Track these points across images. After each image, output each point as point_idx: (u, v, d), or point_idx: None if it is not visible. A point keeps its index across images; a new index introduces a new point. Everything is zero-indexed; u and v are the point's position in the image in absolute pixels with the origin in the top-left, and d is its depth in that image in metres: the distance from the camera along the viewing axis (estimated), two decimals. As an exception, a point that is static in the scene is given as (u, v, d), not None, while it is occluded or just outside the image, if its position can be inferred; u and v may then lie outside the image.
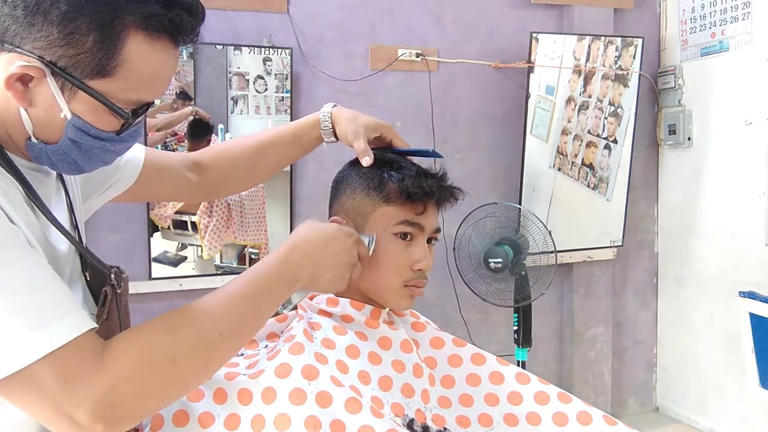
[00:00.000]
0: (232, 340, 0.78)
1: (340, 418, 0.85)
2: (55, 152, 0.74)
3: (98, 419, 0.64)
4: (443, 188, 1.03)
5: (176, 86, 2.25)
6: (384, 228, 1.00)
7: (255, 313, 0.80)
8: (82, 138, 0.73)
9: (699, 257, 2.86)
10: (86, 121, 0.72)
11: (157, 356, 0.70)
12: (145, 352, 0.69)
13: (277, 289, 0.82)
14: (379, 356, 0.98)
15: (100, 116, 0.73)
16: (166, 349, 0.71)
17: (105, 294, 0.78)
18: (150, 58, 0.72)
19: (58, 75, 0.69)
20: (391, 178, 1.01)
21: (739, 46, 2.62)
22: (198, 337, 0.74)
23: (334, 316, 1.03)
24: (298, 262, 0.85)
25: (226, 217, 2.36)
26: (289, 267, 0.84)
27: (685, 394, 2.99)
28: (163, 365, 0.70)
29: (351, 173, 1.06)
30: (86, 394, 0.64)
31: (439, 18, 2.65)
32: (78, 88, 0.70)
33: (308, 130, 1.15)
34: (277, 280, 0.82)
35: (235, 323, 0.77)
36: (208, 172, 1.15)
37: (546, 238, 2.34)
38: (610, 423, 0.98)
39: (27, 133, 0.73)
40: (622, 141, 2.79)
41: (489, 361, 1.06)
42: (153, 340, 0.71)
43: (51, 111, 0.71)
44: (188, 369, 0.73)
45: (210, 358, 0.76)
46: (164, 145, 2.27)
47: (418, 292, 1.03)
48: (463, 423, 0.99)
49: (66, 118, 0.72)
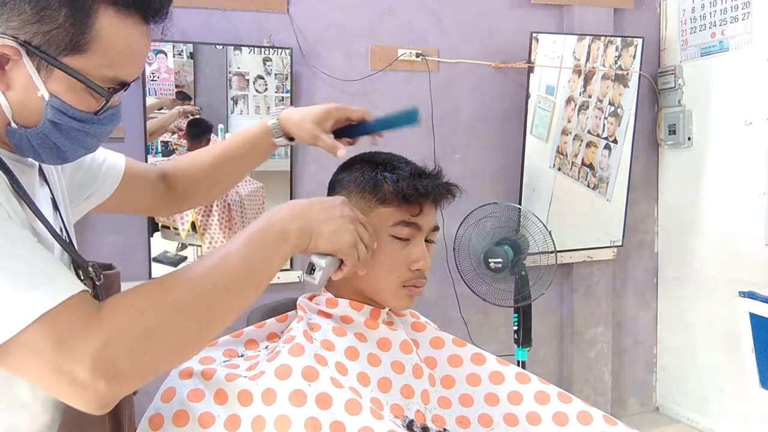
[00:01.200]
0: (227, 292, 0.76)
1: (340, 420, 0.85)
2: (36, 136, 0.74)
3: (98, 375, 0.63)
4: (439, 187, 1.02)
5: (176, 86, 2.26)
6: (381, 229, 1.00)
7: (248, 267, 0.78)
8: (62, 119, 0.73)
9: (699, 257, 2.86)
10: (64, 101, 0.72)
11: (152, 311, 0.69)
12: (139, 308, 0.69)
13: (266, 242, 0.81)
14: (378, 358, 0.98)
15: (77, 96, 0.73)
16: (160, 303, 0.70)
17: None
18: (122, 33, 0.73)
19: (34, 54, 0.69)
20: (386, 179, 1.00)
21: (739, 46, 2.62)
22: (191, 291, 0.73)
23: (334, 317, 1.02)
24: (284, 215, 0.84)
25: (227, 217, 2.36)
26: (274, 219, 0.83)
27: (685, 394, 2.99)
28: (158, 319, 0.69)
29: (345, 176, 1.05)
30: (83, 352, 0.63)
31: (439, 18, 2.65)
32: (54, 66, 0.70)
33: (260, 137, 1.15)
34: (264, 232, 0.81)
35: (228, 275, 0.76)
36: (176, 183, 1.15)
37: (546, 238, 2.34)
38: (610, 423, 0.98)
39: (6, 118, 0.73)
40: (622, 141, 2.79)
41: (489, 361, 1.06)
42: (147, 296, 0.71)
43: (29, 93, 0.71)
44: (185, 324, 0.72)
45: (207, 312, 0.74)
46: (165, 144, 2.27)
47: (417, 292, 1.02)
48: (463, 423, 0.99)
49: (44, 98, 0.72)
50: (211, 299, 0.74)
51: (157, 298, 0.71)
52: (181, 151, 2.29)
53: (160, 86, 2.24)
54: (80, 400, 0.65)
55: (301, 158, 2.48)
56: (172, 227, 2.32)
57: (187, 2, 2.29)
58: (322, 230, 0.86)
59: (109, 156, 1.05)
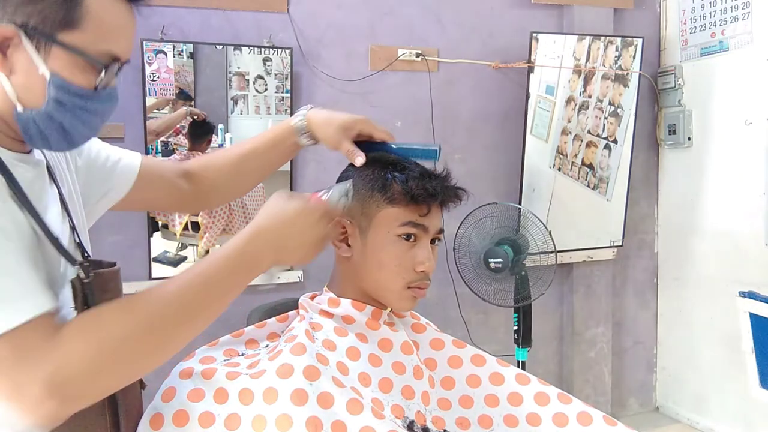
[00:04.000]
0: (189, 322, 0.79)
1: (341, 419, 0.85)
2: (42, 117, 0.77)
3: (51, 396, 0.67)
4: (447, 189, 1.03)
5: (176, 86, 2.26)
6: (388, 230, 1.00)
7: (213, 297, 0.81)
8: (64, 96, 0.76)
9: (699, 257, 2.86)
10: (64, 78, 0.76)
11: (108, 336, 0.72)
12: (96, 333, 0.72)
13: (236, 276, 0.83)
14: (379, 358, 0.98)
15: (76, 72, 0.77)
16: (119, 329, 0.73)
17: (73, 286, 0.79)
18: (108, 8, 0.78)
19: (32, 35, 0.73)
20: (395, 179, 1.01)
21: (739, 46, 2.62)
22: (151, 318, 0.75)
23: (335, 317, 1.03)
24: (259, 251, 0.85)
25: (228, 217, 2.36)
26: (249, 256, 0.84)
27: (685, 394, 2.99)
28: (114, 345, 0.72)
29: (354, 174, 1.05)
30: (38, 372, 0.67)
31: (439, 18, 2.65)
32: (51, 44, 0.74)
33: (285, 136, 1.15)
34: (236, 267, 0.83)
35: (190, 306, 0.78)
36: (199, 182, 1.16)
37: (546, 238, 2.34)
38: (610, 423, 0.98)
39: (12, 104, 0.77)
40: (622, 141, 2.79)
41: (489, 362, 1.06)
42: (106, 320, 0.73)
43: (31, 74, 0.75)
44: (141, 349, 0.75)
45: (165, 338, 0.77)
46: (164, 145, 2.27)
47: (421, 294, 1.02)
48: (463, 424, 0.99)
49: (45, 77, 0.75)
50: (171, 328, 0.77)
51: (117, 323, 0.73)
52: (180, 151, 2.29)
53: (160, 86, 2.24)
54: (32, 415, 0.68)
55: (301, 158, 2.48)
56: (171, 227, 2.32)
57: (187, 2, 2.29)
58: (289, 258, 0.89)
59: (124, 156, 1.06)
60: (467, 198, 1.07)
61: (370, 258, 1.01)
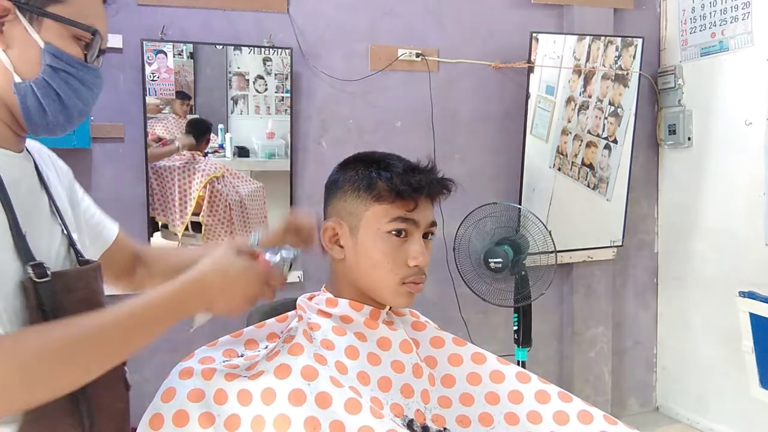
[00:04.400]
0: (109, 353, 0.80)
1: (339, 419, 0.85)
2: (39, 84, 0.83)
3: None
4: (432, 182, 1.02)
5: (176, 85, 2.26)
6: (378, 227, 1.00)
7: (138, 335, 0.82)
8: (59, 63, 0.83)
9: (699, 257, 2.86)
10: (57, 46, 0.83)
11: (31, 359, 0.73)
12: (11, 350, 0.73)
13: (163, 319, 0.85)
14: (378, 357, 0.98)
15: (66, 42, 0.84)
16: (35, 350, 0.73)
17: (24, 287, 0.79)
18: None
19: (24, 9, 0.81)
20: (380, 177, 1.01)
21: (739, 46, 2.62)
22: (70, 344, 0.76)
23: (333, 317, 1.02)
24: (190, 298, 0.87)
25: (227, 217, 2.36)
26: (179, 303, 0.86)
27: (685, 394, 2.99)
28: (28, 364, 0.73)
29: (341, 176, 1.06)
30: None
31: (439, 18, 2.65)
32: (42, 17, 0.82)
33: None
34: (166, 311, 0.85)
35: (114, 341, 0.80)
36: (143, 268, 1.19)
37: (546, 238, 2.34)
38: (610, 422, 0.98)
39: (10, 77, 0.82)
40: (622, 141, 2.79)
41: (489, 360, 1.06)
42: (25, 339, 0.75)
43: (26, 45, 0.82)
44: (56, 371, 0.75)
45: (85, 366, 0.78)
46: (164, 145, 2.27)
47: (417, 289, 1.02)
48: (464, 422, 0.98)
49: (40, 46, 0.82)
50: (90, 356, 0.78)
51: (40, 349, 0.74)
52: (180, 151, 2.29)
53: (160, 86, 2.24)
54: None
55: (301, 158, 2.48)
56: (171, 227, 2.31)
57: (187, 2, 2.29)
58: (217, 309, 0.90)
59: (106, 223, 1.11)
60: (456, 189, 1.06)
61: (362, 257, 1.01)
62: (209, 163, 2.33)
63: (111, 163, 2.26)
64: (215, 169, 2.34)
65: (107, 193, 2.25)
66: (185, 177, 2.31)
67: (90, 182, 2.24)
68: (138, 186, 2.26)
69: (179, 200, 2.30)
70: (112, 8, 0.94)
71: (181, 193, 2.30)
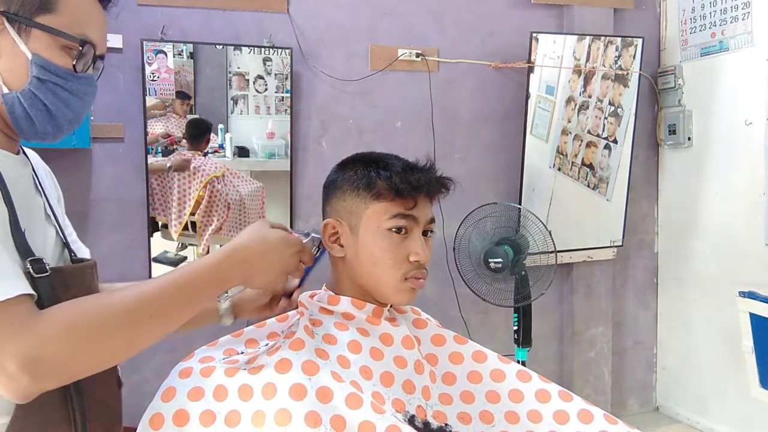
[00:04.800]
0: (159, 321, 0.83)
1: (340, 414, 0.85)
2: (26, 96, 0.83)
3: (25, 371, 0.71)
4: (431, 180, 1.03)
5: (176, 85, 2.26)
6: (378, 224, 1.00)
7: (184, 303, 0.86)
8: (45, 74, 0.83)
9: (699, 257, 2.86)
10: (44, 57, 0.83)
11: (84, 325, 0.76)
12: (73, 320, 0.75)
13: (208, 288, 0.88)
14: (381, 352, 0.98)
15: (55, 53, 0.84)
16: (94, 320, 0.77)
17: None
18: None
19: (12, 20, 0.81)
20: (379, 176, 1.01)
21: (739, 46, 2.62)
22: (126, 314, 0.79)
23: (335, 314, 1.03)
24: (232, 268, 0.89)
25: (227, 217, 2.36)
26: (222, 271, 0.89)
27: (685, 394, 2.99)
28: (88, 334, 0.76)
29: (340, 176, 1.06)
30: (16, 348, 0.71)
31: (439, 18, 2.65)
32: (31, 27, 0.82)
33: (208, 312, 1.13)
34: (210, 280, 0.88)
35: (163, 308, 0.83)
36: None
37: (546, 238, 2.34)
38: (610, 422, 0.98)
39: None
40: (622, 141, 2.79)
41: (490, 359, 1.06)
42: (83, 310, 0.77)
43: (14, 56, 0.82)
44: (113, 341, 0.79)
45: (136, 334, 0.81)
46: (164, 146, 2.27)
47: (418, 284, 1.02)
48: (464, 420, 0.98)
49: (28, 57, 0.82)
50: (143, 325, 0.81)
51: (93, 314, 0.77)
52: (180, 150, 2.29)
53: (160, 86, 2.24)
54: (5, 389, 0.73)
55: (301, 158, 2.48)
56: (171, 227, 2.32)
57: (187, 2, 2.29)
58: (256, 281, 0.94)
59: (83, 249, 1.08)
60: (454, 187, 1.07)
61: (363, 255, 1.01)
62: (209, 163, 2.33)
63: (111, 163, 2.26)
64: (215, 169, 2.34)
65: (107, 193, 2.25)
66: (185, 177, 2.31)
67: (90, 182, 2.24)
68: (138, 186, 2.26)
69: (179, 200, 2.30)
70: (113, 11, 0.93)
71: (180, 193, 2.30)
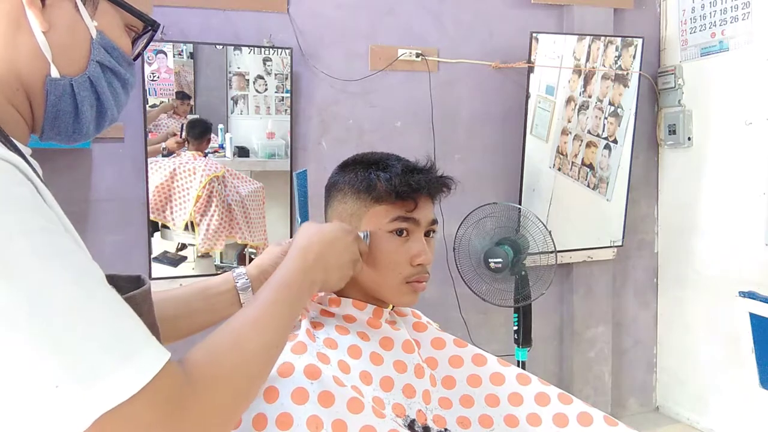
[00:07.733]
0: (277, 349, 0.78)
1: (342, 418, 0.85)
2: (81, 84, 0.66)
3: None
4: (432, 181, 1.03)
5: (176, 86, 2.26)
6: (379, 227, 1.00)
7: (290, 321, 0.81)
8: (109, 61, 0.67)
9: (699, 257, 2.86)
10: (111, 38, 0.67)
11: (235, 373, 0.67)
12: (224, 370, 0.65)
13: (302, 296, 0.84)
14: (380, 356, 0.98)
15: (118, 34, 0.68)
16: (240, 368, 0.68)
17: None
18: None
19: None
20: (379, 178, 1.01)
21: (739, 46, 2.62)
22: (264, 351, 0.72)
23: (336, 316, 1.03)
24: (314, 267, 0.86)
25: (227, 216, 2.36)
26: (309, 273, 0.85)
27: (685, 394, 2.99)
28: (244, 385, 0.68)
29: (340, 178, 1.06)
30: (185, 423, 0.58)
31: (439, 18, 2.65)
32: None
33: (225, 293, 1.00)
34: (300, 287, 0.83)
35: (284, 332, 0.78)
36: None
37: (546, 238, 2.34)
38: (610, 424, 0.98)
39: (45, 69, 0.64)
40: (622, 141, 2.79)
41: (490, 362, 1.06)
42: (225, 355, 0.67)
43: (74, 31, 0.64)
44: (255, 384, 0.71)
45: (270, 360, 0.75)
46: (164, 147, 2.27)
47: (420, 287, 1.02)
48: (464, 424, 0.98)
49: (92, 35, 0.65)
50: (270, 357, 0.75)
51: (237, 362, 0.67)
52: (180, 151, 2.29)
53: (160, 86, 2.24)
54: None
55: (301, 158, 2.48)
56: (171, 227, 2.32)
57: (187, 2, 2.29)
58: (332, 278, 0.91)
59: None
60: (455, 187, 1.06)
61: (365, 257, 1.01)
62: (209, 163, 2.33)
63: (111, 163, 2.26)
64: (215, 169, 2.34)
65: (107, 193, 2.25)
66: (185, 177, 2.31)
67: (90, 182, 2.24)
68: (138, 186, 2.26)
69: (179, 200, 2.30)
70: None
71: (181, 193, 2.30)
